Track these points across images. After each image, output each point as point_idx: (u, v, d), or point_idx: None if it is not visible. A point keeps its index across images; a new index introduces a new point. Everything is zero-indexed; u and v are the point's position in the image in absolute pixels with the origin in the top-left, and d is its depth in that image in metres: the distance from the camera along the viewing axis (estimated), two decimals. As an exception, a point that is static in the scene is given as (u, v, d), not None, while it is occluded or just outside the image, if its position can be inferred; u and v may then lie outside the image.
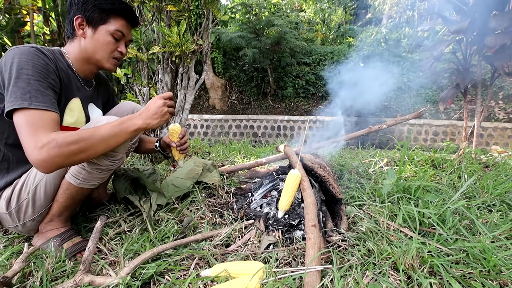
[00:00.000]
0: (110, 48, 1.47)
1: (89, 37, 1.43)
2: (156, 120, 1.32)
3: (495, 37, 2.18)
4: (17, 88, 1.14)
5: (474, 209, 1.57)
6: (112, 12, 1.43)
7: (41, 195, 1.35)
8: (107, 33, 1.44)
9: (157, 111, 1.32)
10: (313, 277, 1.04)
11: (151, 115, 1.32)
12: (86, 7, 1.39)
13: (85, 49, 1.45)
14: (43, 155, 1.09)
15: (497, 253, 1.20)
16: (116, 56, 1.52)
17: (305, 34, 13.27)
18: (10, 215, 1.35)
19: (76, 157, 1.16)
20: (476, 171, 2.12)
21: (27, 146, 1.10)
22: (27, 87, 1.15)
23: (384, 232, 1.39)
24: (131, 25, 1.54)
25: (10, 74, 1.17)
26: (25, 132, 1.11)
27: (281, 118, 10.76)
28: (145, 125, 1.30)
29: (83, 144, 1.15)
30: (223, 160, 3.10)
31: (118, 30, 1.46)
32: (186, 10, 2.63)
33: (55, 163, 1.12)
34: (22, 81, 1.16)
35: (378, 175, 2.22)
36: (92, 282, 1.08)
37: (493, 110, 9.43)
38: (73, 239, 1.44)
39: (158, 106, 1.33)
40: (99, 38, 1.43)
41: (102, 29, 1.43)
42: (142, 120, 1.30)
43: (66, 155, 1.12)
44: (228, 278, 1.13)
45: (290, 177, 1.59)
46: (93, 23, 1.41)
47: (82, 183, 1.36)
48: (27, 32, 7.99)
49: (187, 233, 1.54)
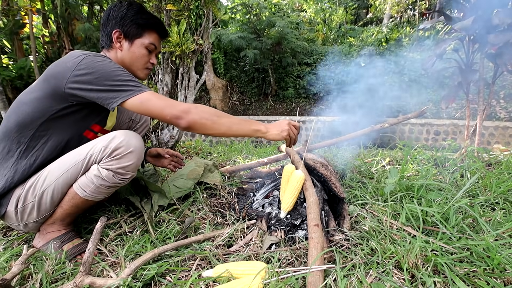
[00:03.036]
0: (144, 60, 1.58)
1: (126, 50, 1.53)
2: (276, 131, 1.45)
3: (498, 35, 2.17)
4: (121, 81, 1.30)
5: (477, 208, 1.56)
6: (147, 27, 1.54)
7: (47, 200, 1.35)
8: (142, 46, 1.55)
9: (281, 125, 1.47)
10: (316, 277, 1.03)
11: (274, 126, 1.47)
12: (124, 22, 1.49)
13: (122, 60, 1.54)
14: (190, 116, 1.31)
15: (501, 251, 1.18)
16: (148, 67, 1.63)
17: (306, 34, 13.26)
18: (16, 214, 1.35)
19: (208, 122, 1.34)
20: (479, 169, 2.10)
21: (170, 115, 1.30)
22: (130, 78, 1.33)
23: (387, 231, 1.37)
24: (161, 38, 1.65)
25: (102, 73, 1.29)
26: (160, 106, 1.30)
27: (282, 118, 10.74)
28: (266, 129, 1.44)
29: (215, 118, 1.35)
30: (225, 161, 3.09)
31: (152, 43, 1.57)
32: (186, 9, 2.62)
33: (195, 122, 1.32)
34: (122, 75, 1.32)
35: (380, 174, 2.20)
36: (92, 284, 1.07)
37: (494, 109, 9.40)
38: (74, 241, 1.43)
39: (284, 124, 1.48)
40: (135, 51, 1.54)
41: (137, 42, 1.54)
42: (265, 126, 1.45)
43: (203, 119, 1.33)
44: (230, 278, 1.12)
45: (293, 178, 1.59)
46: (129, 36, 1.52)
47: (88, 196, 1.37)
48: (26, 34, 8.00)
49: (189, 233, 1.53)
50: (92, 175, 1.34)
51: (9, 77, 7.04)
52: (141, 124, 1.96)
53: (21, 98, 1.38)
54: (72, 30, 7.54)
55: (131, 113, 1.90)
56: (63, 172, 1.33)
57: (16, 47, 7.72)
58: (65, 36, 7.46)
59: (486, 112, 2.59)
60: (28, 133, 1.34)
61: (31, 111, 1.33)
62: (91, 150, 1.34)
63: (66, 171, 1.33)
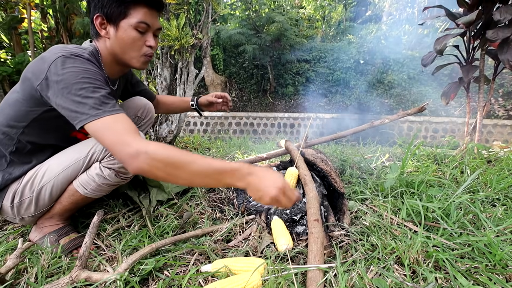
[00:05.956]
0: (137, 45, 1.30)
1: (113, 37, 1.28)
2: (258, 194, 1.03)
3: (499, 30, 2.15)
4: (82, 98, 1.07)
5: (478, 204, 1.55)
6: (130, 2, 1.24)
7: (45, 196, 1.32)
8: (130, 28, 1.26)
9: (269, 185, 1.02)
10: (316, 272, 1.02)
11: (261, 180, 1.03)
12: (103, 3, 1.23)
13: (112, 51, 1.32)
14: (138, 164, 1.01)
15: (502, 247, 1.17)
16: (146, 53, 1.35)
17: (305, 31, 13.21)
18: (12, 208, 1.32)
19: (160, 173, 1.03)
20: (479, 165, 2.09)
21: (118, 156, 1.05)
22: (90, 95, 1.08)
23: (388, 226, 1.36)
24: (156, 10, 1.33)
25: (66, 83, 1.08)
26: (111, 142, 1.05)
27: (281, 115, 10.74)
28: (245, 184, 1.04)
29: (171, 170, 1.02)
30: (223, 156, 3.07)
31: (142, 22, 1.26)
32: (186, 3, 2.59)
33: (144, 172, 1.03)
34: (84, 90, 1.08)
35: (380, 170, 2.19)
36: (88, 278, 1.05)
37: (493, 107, 9.41)
38: (70, 235, 1.41)
39: (275, 184, 1.02)
40: (123, 36, 1.27)
41: (123, 24, 1.25)
42: (245, 183, 1.04)
43: (154, 168, 1.02)
44: (228, 274, 1.10)
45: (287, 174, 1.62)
46: (113, 19, 1.25)
47: (89, 193, 1.35)
48: (24, 28, 7.94)
49: (187, 228, 1.52)
50: (94, 173, 1.31)
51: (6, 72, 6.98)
52: (146, 121, 1.86)
53: (8, 98, 1.29)
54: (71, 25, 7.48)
55: (137, 110, 1.77)
56: (63, 169, 1.30)
57: (14, 42, 7.65)
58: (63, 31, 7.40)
59: (486, 108, 2.58)
60: (14, 137, 1.28)
61: (14, 114, 1.25)
62: (92, 148, 1.31)
63: (66, 168, 1.30)
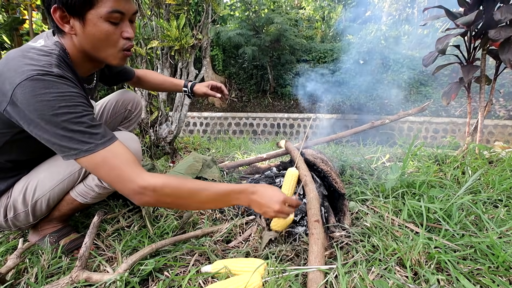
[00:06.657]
0: (112, 40, 1.08)
1: (80, 33, 1.04)
2: (263, 210, 1.12)
3: (501, 30, 2.14)
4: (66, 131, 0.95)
5: (480, 205, 1.54)
6: None
7: (42, 207, 1.27)
8: (100, 21, 1.02)
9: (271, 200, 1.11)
10: (317, 274, 1.01)
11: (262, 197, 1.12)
12: None
13: (82, 48, 1.10)
14: (145, 199, 1.00)
15: (505, 249, 1.17)
16: (125, 47, 1.12)
17: (304, 32, 13.21)
18: (6, 222, 1.27)
19: (169, 205, 1.16)
20: (481, 166, 2.09)
21: (122, 191, 1.02)
22: (77, 128, 0.96)
23: (389, 227, 1.35)
24: None
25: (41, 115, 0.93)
26: (109, 177, 1.00)
27: (280, 115, 10.73)
28: (248, 202, 1.13)
29: (180, 201, 1.07)
30: (223, 156, 3.06)
31: (114, 11, 1.02)
32: (186, 3, 2.59)
33: (151, 205, 1.10)
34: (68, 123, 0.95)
35: (380, 170, 2.18)
36: (88, 279, 1.05)
37: (494, 108, 9.41)
38: (70, 236, 1.40)
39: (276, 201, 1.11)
40: (93, 31, 1.03)
41: (91, 17, 1.01)
42: (249, 202, 1.13)
43: (161, 203, 1.09)
44: (229, 275, 1.10)
45: (287, 175, 1.61)
46: (77, 11, 0.99)
47: (89, 201, 1.33)
48: (25, 30, 7.94)
49: (187, 229, 1.51)
50: (93, 184, 1.27)
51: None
52: (136, 113, 1.84)
53: None
54: (71, 26, 7.48)
55: (127, 103, 1.75)
56: (57, 183, 1.24)
57: (16, 43, 7.64)
58: (63, 31, 7.39)
59: (488, 108, 2.57)
60: None
61: None
62: None
63: (61, 182, 1.25)
